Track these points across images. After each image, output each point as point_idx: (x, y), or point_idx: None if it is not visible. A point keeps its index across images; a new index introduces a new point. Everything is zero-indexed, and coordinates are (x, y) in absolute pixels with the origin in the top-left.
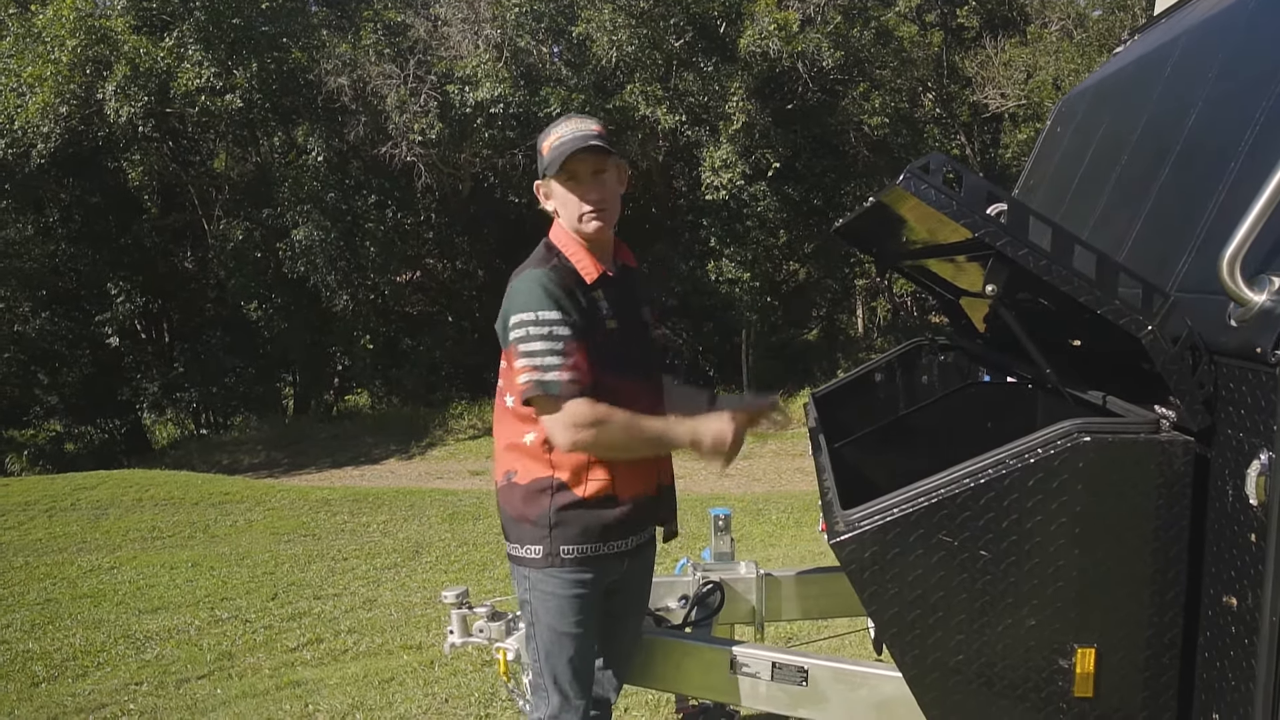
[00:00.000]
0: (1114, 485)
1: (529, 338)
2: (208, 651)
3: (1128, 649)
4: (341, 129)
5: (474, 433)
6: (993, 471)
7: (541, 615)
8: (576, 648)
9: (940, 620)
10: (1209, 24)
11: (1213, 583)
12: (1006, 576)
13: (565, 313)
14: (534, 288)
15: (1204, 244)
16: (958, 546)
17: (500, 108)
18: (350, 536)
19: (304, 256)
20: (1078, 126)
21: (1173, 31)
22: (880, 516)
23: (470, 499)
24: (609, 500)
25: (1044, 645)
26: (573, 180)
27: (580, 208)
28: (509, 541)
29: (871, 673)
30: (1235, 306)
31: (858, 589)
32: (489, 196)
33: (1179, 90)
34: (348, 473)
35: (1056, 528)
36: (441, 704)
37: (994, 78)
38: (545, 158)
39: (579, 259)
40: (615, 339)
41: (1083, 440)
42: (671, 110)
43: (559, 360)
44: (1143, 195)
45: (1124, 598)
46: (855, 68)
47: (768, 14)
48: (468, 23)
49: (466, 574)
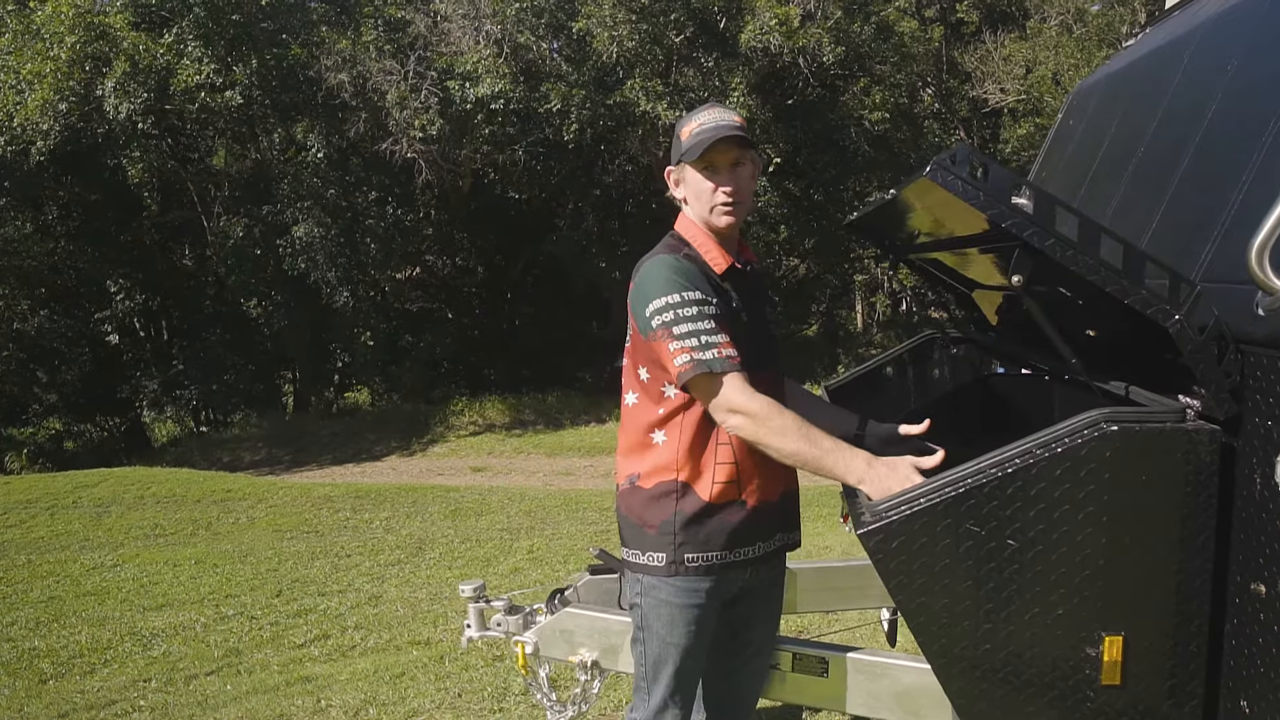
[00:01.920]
0: (1141, 474)
1: (679, 319)
2: (215, 648)
3: (1155, 637)
4: (342, 125)
5: (474, 429)
6: (1020, 461)
7: (652, 622)
8: (683, 658)
9: (967, 610)
10: (1227, 16)
11: (1239, 570)
12: (1034, 565)
13: (706, 292)
14: (670, 272)
15: (1228, 234)
16: (985, 536)
17: (501, 104)
18: (353, 533)
19: (304, 253)
20: (1091, 118)
21: (1188, 24)
22: (907, 507)
23: (472, 495)
24: (735, 505)
25: (1071, 633)
26: (710, 169)
27: (714, 198)
28: (627, 548)
29: (892, 663)
30: (1263, 296)
31: (885, 579)
32: (489, 193)
33: (1197, 82)
34: (349, 469)
35: (1083, 516)
36: (455, 699)
37: (993, 73)
38: (684, 143)
39: (708, 250)
40: (748, 330)
41: (1110, 429)
42: (672, 106)
43: (715, 338)
44: (1162, 186)
45: (1151, 585)
46: (856, 63)
47: (769, 9)
48: (468, 19)
49: (471, 570)
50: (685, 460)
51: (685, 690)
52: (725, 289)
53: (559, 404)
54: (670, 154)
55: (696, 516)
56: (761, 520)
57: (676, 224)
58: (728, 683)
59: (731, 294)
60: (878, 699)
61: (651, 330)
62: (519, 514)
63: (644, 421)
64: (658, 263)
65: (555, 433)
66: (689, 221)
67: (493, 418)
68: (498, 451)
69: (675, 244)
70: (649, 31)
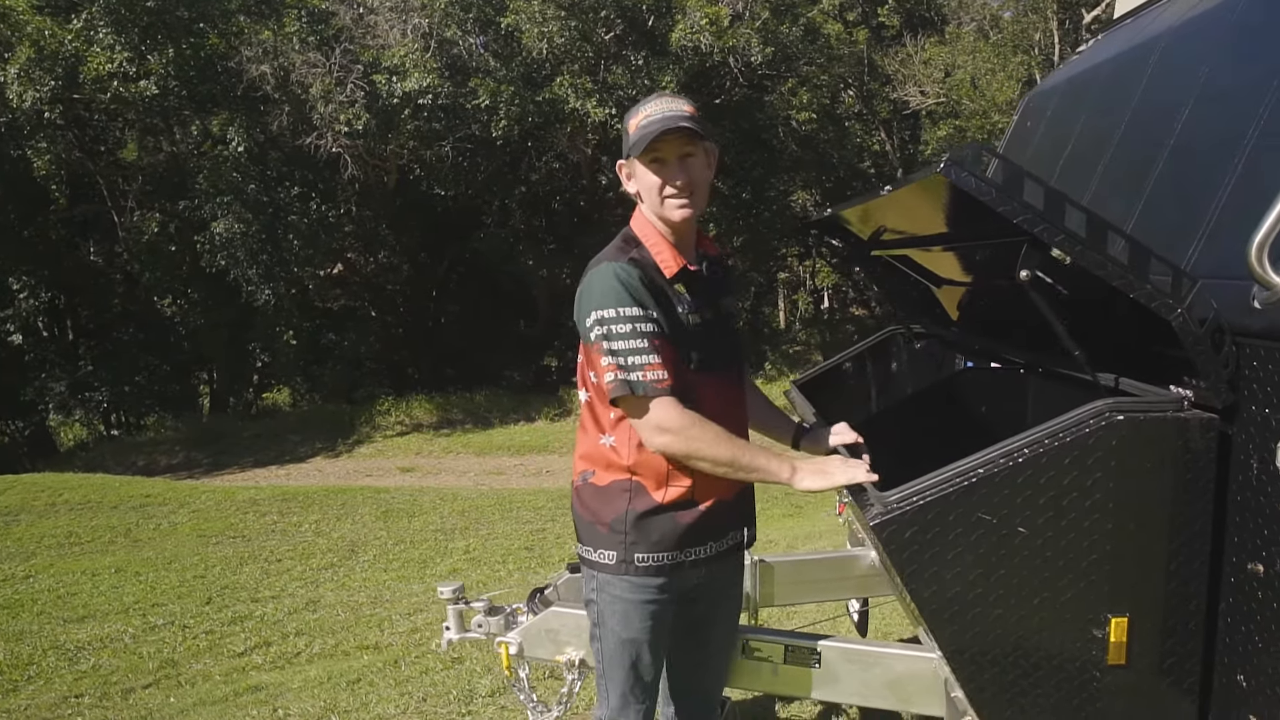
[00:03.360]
0: (1144, 461)
1: (611, 335)
2: (148, 659)
3: (1157, 617)
4: (263, 118)
5: (401, 429)
6: (1029, 451)
7: (607, 619)
8: (640, 654)
9: (979, 596)
10: (1195, 22)
11: (1236, 551)
12: (1043, 551)
13: (647, 308)
14: (613, 281)
15: (1214, 232)
16: (996, 524)
17: (429, 99)
18: (282, 537)
19: (224, 250)
20: (1051, 120)
21: (1150, 30)
22: (919, 498)
23: (403, 496)
24: (687, 504)
25: (1079, 616)
26: (657, 162)
27: (664, 192)
28: (581, 544)
29: (884, 652)
30: (1260, 290)
31: (898, 569)
32: (415, 189)
33: (1168, 86)
34: (272, 472)
35: (1090, 503)
36: (419, 703)
37: (914, 76)
38: (630, 136)
39: (659, 250)
40: (696, 335)
41: (1116, 419)
42: (602, 103)
43: (645, 359)
44: (1138, 185)
45: (1154, 568)
46: (783, 64)
47: (699, 8)
48: (396, 11)
49: (408, 572)
50: (637, 459)
51: (645, 684)
52: (676, 291)
53: (487, 403)
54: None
55: (647, 515)
56: (715, 519)
57: (631, 221)
58: (693, 678)
59: (684, 297)
60: (870, 687)
61: (590, 341)
62: (452, 514)
63: (596, 421)
64: (602, 271)
65: (484, 432)
66: (643, 219)
67: (420, 417)
68: (426, 451)
69: (625, 245)
70: (578, 28)
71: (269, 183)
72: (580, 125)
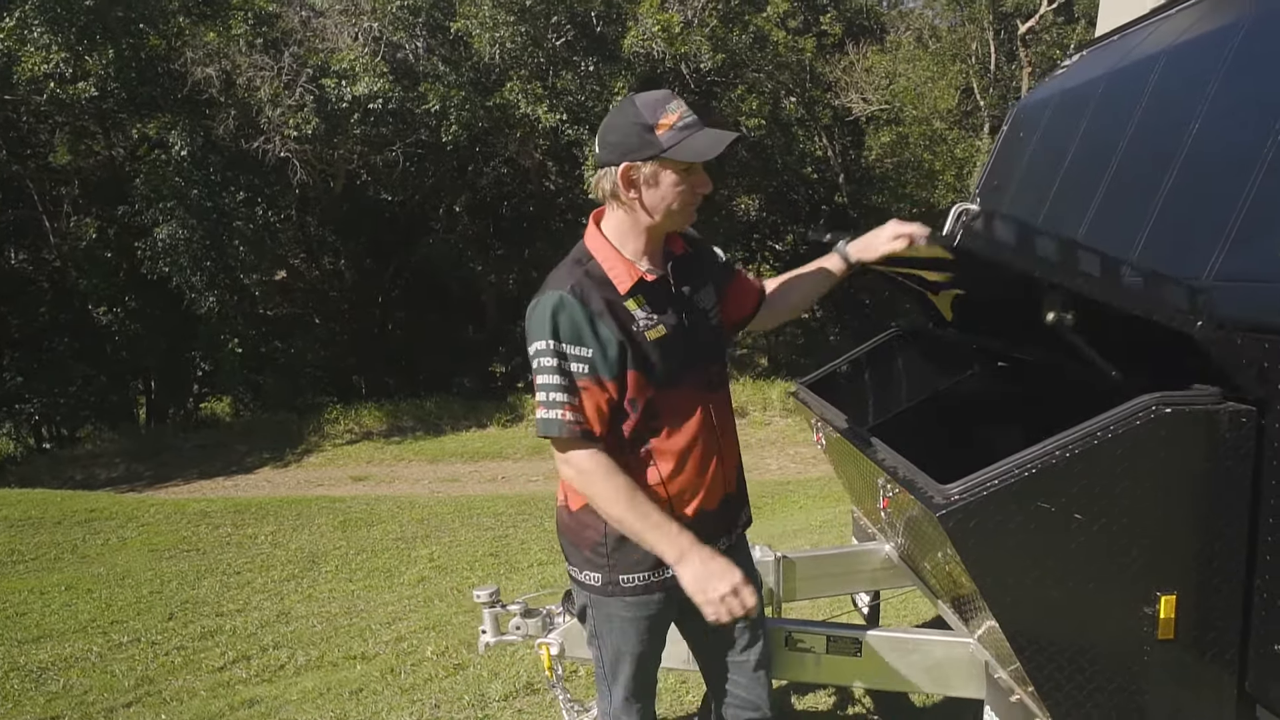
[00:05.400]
0: (1188, 450)
1: (540, 369)
2: (122, 678)
3: (1202, 593)
4: (208, 122)
5: (351, 437)
6: (1083, 443)
7: (604, 633)
8: (637, 661)
9: (1040, 579)
10: (1200, 40)
11: (1270, 531)
12: (1098, 536)
13: (582, 344)
14: (548, 313)
15: (1236, 240)
16: (1055, 512)
17: (379, 103)
18: (238, 549)
19: (166, 256)
20: (1046, 132)
21: (1145, 50)
22: (982, 489)
23: (359, 505)
24: None
25: (1132, 595)
26: (690, 169)
27: (692, 197)
28: (568, 563)
29: (922, 638)
30: None
31: (963, 557)
32: (362, 194)
33: (1175, 100)
34: (219, 483)
35: (1141, 490)
36: (433, 709)
37: (856, 83)
38: (662, 138)
39: (612, 266)
40: (655, 348)
41: (1164, 412)
42: (552, 109)
43: (564, 398)
44: (1149, 196)
45: (1198, 548)
46: (731, 70)
47: (651, 15)
48: (346, 14)
49: (374, 581)
50: None
51: (644, 685)
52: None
53: (438, 409)
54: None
55: (626, 538)
56: (699, 532)
57: (586, 236)
58: (733, 678)
59: (638, 311)
60: (910, 673)
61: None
62: (411, 522)
63: None
64: (543, 303)
65: (436, 439)
66: (597, 235)
67: (369, 425)
68: (378, 460)
69: (575, 263)
70: (529, 33)
71: (213, 187)
72: (531, 130)
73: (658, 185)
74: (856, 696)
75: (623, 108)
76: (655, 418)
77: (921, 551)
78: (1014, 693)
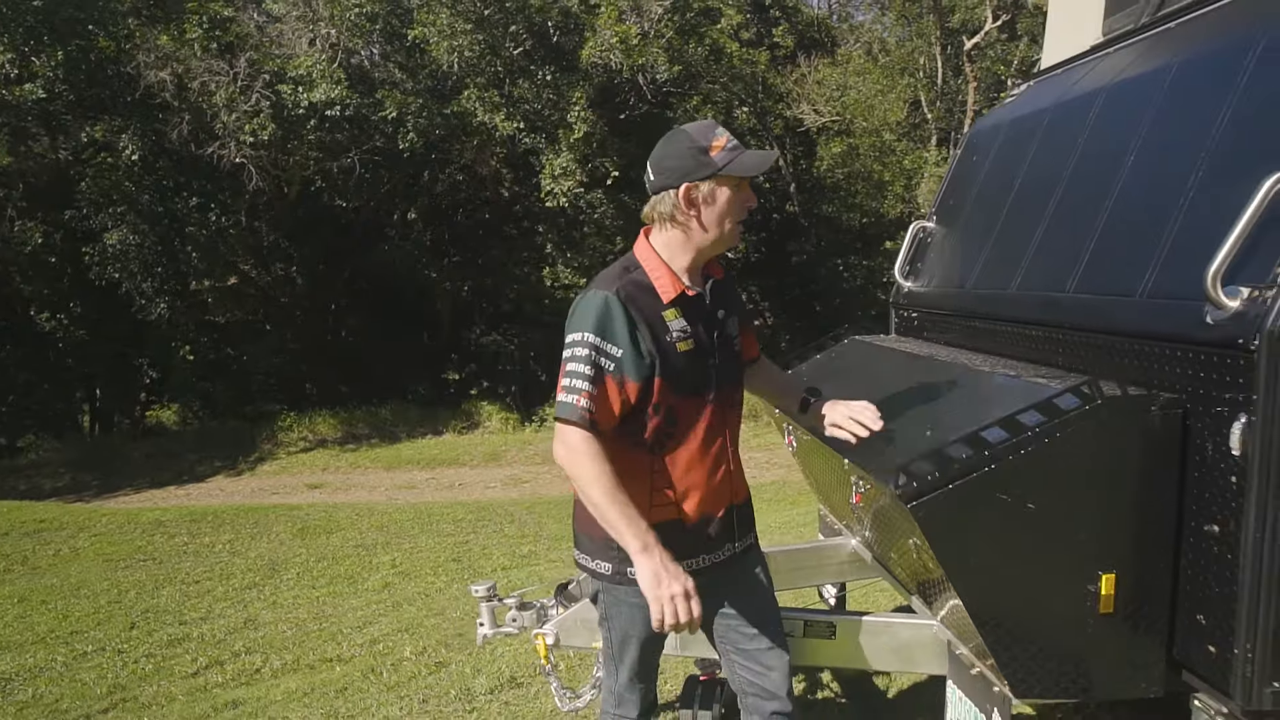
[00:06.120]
0: (1125, 442)
1: (573, 357)
2: (93, 685)
3: (1137, 571)
4: (161, 126)
5: (305, 445)
6: (1033, 438)
7: (614, 617)
8: (644, 645)
9: (999, 562)
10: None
11: (1194, 516)
12: (1049, 521)
13: (616, 344)
14: (592, 310)
15: (1165, 262)
16: (1011, 502)
17: (336, 110)
18: (196, 558)
19: (116, 262)
20: (999, 155)
21: (1088, 84)
22: (951, 484)
23: (317, 513)
24: (673, 524)
25: (1078, 574)
26: (739, 188)
27: (743, 213)
28: (579, 551)
29: (891, 621)
30: (1212, 309)
31: (932, 543)
32: (316, 201)
33: (1113, 133)
34: (171, 492)
35: (1083, 478)
36: (421, 704)
37: (808, 94)
38: (716, 158)
39: (658, 276)
40: (682, 359)
41: (1100, 407)
42: (509, 117)
43: (586, 387)
44: (1091, 220)
45: (1134, 531)
46: (688, 82)
47: (609, 27)
48: (303, 20)
49: (338, 588)
50: (627, 481)
51: (649, 667)
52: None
53: (394, 416)
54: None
55: None
56: (703, 536)
57: (636, 246)
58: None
59: (674, 323)
60: (879, 653)
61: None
62: (371, 529)
63: None
64: (588, 299)
65: (392, 446)
66: (647, 247)
67: (324, 432)
68: (333, 467)
69: (623, 269)
70: (486, 42)
71: (165, 192)
72: (488, 138)
73: (714, 202)
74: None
75: (675, 137)
76: (674, 423)
77: (890, 541)
78: (974, 666)
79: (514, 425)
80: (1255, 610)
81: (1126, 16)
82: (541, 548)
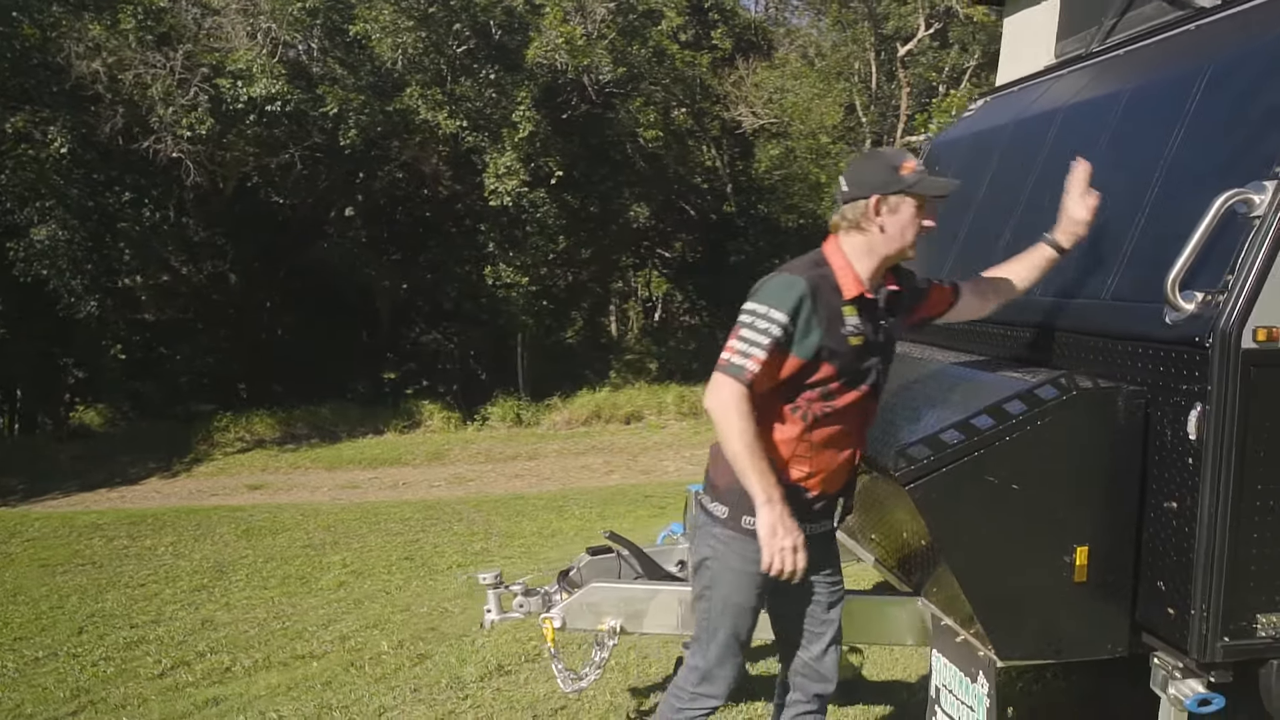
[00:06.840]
0: (1095, 427)
1: (750, 325)
2: (55, 689)
3: (1106, 544)
4: (92, 119)
5: (243, 445)
6: (1015, 424)
7: (720, 583)
8: (743, 616)
9: (987, 537)
10: (1092, 103)
11: (1155, 494)
12: (1031, 500)
13: (794, 322)
14: (782, 288)
15: (1126, 268)
16: (998, 484)
17: (276, 106)
18: (138, 561)
19: (44, 258)
20: (960, 169)
21: (1045, 104)
22: (945, 466)
23: (260, 514)
24: (795, 489)
25: (1055, 547)
26: (921, 206)
27: (922, 229)
28: (705, 493)
29: (877, 599)
30: (1171, 311)
31: (927, 521)
32: (253, 197)
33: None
34: (104, 495)
35: (1060, 460)
36: (412, 693)
37: (745, 97)
38: (906, 178)
39: (844, 275)
40: (850, 353)
41: (1073, 395)
42: (453, 115)
43: (760, 354)
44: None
45: (1103, 508)
46: (630, 83)
47: (554, 27)
48: (243, 14)
49: (290, 587)
50: (769, 440)
51: (743, 642)
52: (844, 312)
53: (334, 416)
54: (869, 184)
55: None
56: (812, 508)
57: (824, 246)
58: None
59: (850, 318)
60: (868, 630)
61: (737, 320)
62: (317, 529)
63: None
64: (782, 279)
65: (332, 446)
66: (836, 248)
67: (261, 433)
68: (273, 468)
69: (814, 263)
70: (429, 39)
71: (95, 187)
72: (430, 136)
73: (898, 214)
74: None
75: (871, 156)
76: (829, 403)
77: (876, 522)
78: (959, 635)
79: (455, 424)
80: (1209, 576)
81: (1077, 41)
82: (493, 544)
